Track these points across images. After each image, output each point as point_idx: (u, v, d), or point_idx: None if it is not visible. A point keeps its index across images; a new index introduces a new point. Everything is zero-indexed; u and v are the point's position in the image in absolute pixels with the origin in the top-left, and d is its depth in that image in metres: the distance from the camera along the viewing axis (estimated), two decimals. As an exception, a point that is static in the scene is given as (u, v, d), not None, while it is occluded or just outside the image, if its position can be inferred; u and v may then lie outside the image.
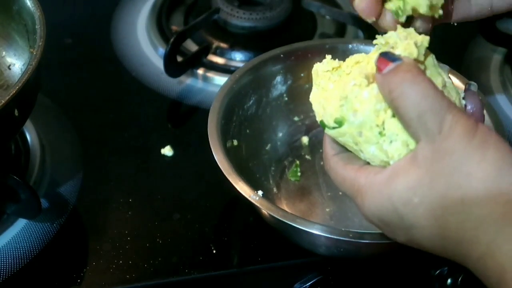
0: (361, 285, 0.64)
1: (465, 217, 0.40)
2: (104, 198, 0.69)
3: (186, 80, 0.83)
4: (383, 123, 0.44)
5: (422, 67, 0.45)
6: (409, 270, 0.63)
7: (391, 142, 0.44)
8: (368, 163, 0.47)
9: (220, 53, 0.84)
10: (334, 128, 0.46)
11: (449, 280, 0.61)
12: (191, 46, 0.85)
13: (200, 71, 0.82)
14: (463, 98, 0.47)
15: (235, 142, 0.66)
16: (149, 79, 0.84)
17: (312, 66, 0.58)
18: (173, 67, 0.80)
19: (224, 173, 0.58)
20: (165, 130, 0.78)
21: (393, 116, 0.44)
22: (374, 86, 0.45)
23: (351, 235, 0.54)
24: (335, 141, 0.49)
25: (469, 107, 0.46)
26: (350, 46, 0.70)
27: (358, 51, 0.66)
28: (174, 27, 0.90)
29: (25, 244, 0.64)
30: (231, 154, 0.61)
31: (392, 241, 0.48)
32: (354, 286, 0.64)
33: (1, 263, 0.62)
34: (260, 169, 0.69)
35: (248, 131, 0.69)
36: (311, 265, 0.63)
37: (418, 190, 0.41)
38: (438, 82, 0.45)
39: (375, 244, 0.54)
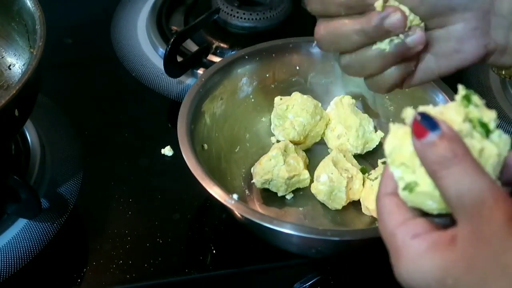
0: (361, 285, 0.65)
1: None
2: (104, 198, 0.69)
3: (186, 80, 0.83)
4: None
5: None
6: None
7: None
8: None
9: (220, 53, 0.84)
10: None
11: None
12: (191, 46, 0.85)
13: (200, 71, 0.82)
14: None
15: (206, 146, 0.66)
16: (149, 79, 0.84)
17: (277, 65, 0.57)
18: (173, 67, 0.80)
19: (198, 179, 0.58)
20: (165, 130, 0.78)
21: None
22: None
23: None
24: (393, 180, 0.44)
25: None
26: (313, 44, 0.70)
27: None
28: (174, 27, 0.89)
29: (25, 244, 0.64)
30: (202, 159, 0.61)
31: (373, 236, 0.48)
32: (354, 286, 0.64)
33: (1, 263, 0.62)
34: (231, 171, 0.69)
35: (217, 134, 0.69)
36: (311, 265, 0.63)
37: (453, 272, 0.39)
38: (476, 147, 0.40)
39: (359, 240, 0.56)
